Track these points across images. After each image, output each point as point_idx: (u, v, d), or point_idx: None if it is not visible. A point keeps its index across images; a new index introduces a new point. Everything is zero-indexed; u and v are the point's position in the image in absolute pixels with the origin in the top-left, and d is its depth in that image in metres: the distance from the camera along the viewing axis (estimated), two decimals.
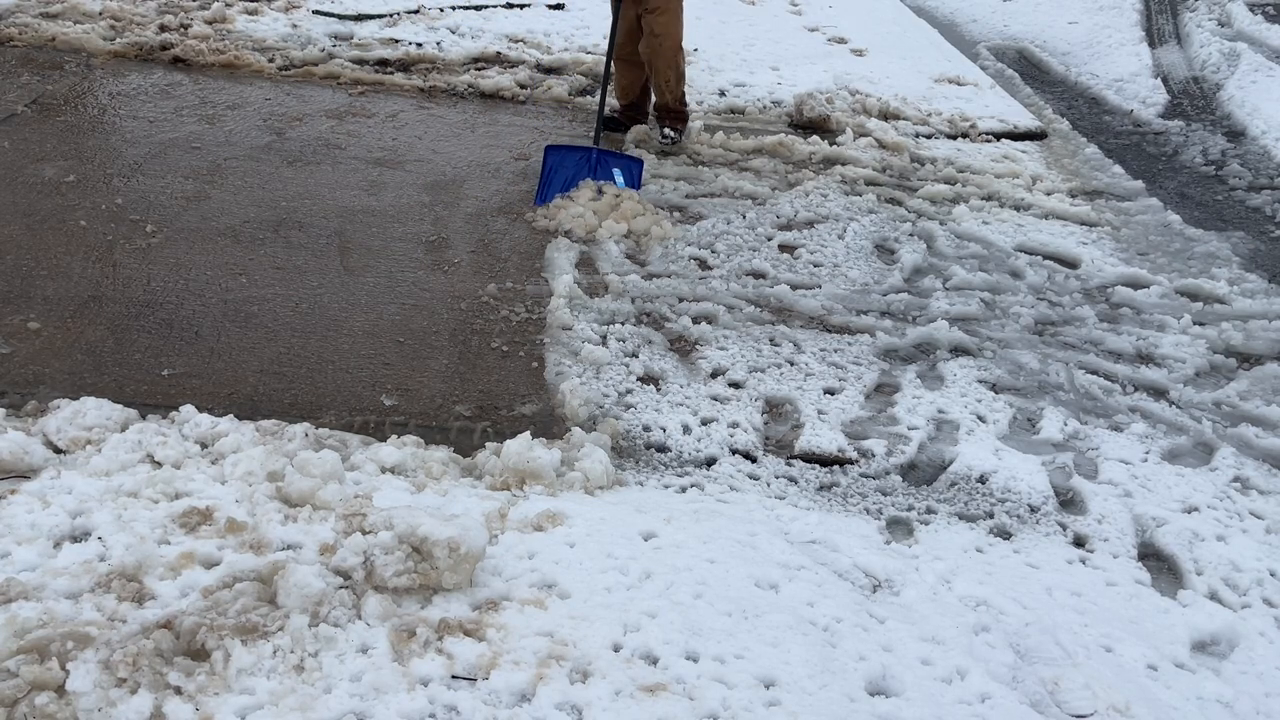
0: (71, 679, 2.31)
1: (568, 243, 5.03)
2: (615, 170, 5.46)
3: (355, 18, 8.13)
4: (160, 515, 2.93)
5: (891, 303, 4.90)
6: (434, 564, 2.72)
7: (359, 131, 6.18)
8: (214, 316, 4.22)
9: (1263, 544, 3.50)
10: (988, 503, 3.63)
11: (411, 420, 3.76)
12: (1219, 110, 8.23)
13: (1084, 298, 5.14)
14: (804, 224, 5.60)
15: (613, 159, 5.54)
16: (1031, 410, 4.20)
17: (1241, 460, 3.98)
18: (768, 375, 4.22)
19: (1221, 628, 3.08)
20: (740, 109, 7.31)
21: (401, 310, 4.41)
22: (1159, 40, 9.88)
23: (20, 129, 5.70)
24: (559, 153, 5.50)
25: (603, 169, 5.46)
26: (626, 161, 5.58)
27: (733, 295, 4.80)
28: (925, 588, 3.06)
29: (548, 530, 3.04)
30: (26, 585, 2.58)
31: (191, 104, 6.29)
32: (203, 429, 3.44)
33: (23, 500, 2.94)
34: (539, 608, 2.69)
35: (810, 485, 3.66)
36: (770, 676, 2.55)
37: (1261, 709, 2.79)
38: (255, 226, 4.95)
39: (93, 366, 3.84)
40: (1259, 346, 4.77)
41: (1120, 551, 3.43)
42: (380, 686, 2.39)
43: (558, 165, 5.46)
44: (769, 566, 2.97)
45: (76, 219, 4.83)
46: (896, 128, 7.15)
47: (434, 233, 5.08)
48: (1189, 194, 6.70)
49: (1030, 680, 2.74)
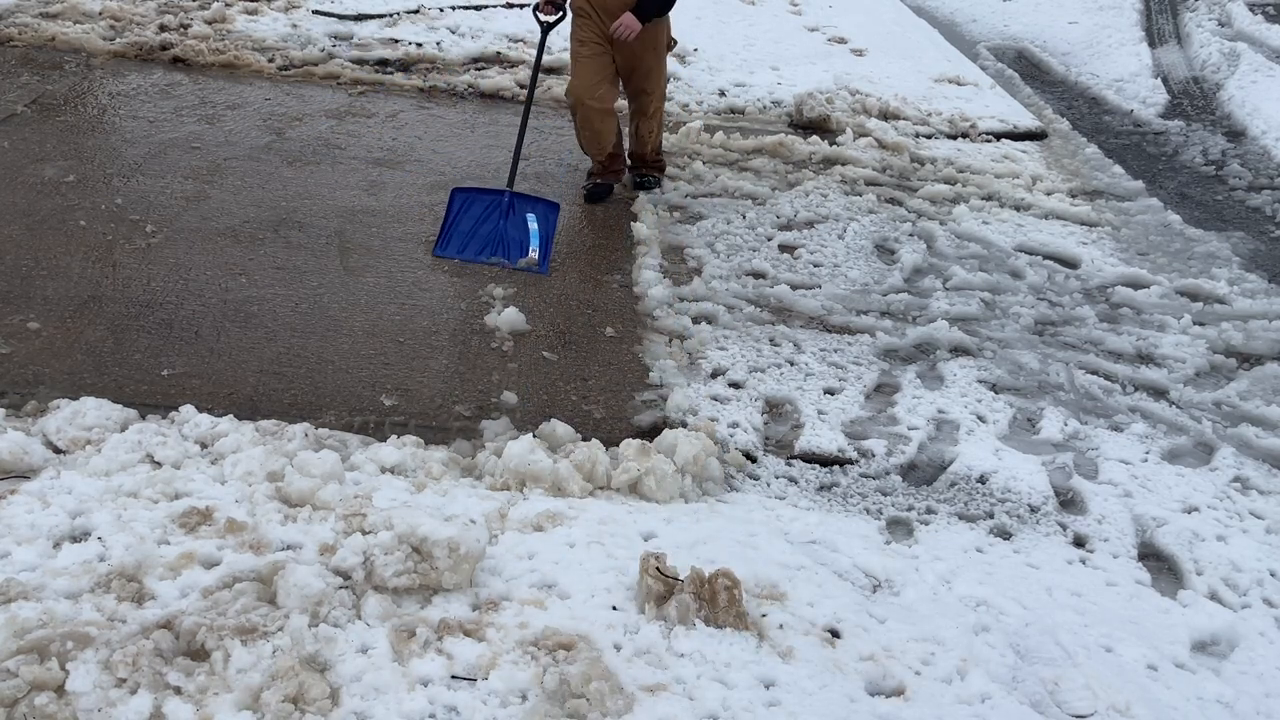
0: (71, 679, 2.31)
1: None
2: (529, 216, 4.89)
3: (355, 18, 8.14)
4: (160, 515, 2.93)
5: (891, 303, 4.90)
6: (434, 564, 2.72)
7: (359, 131, 6.18)
8: (214, 316, 4.22)
9: (1263, 544, 3.50)
10: (988, 503, 3.63)
11: (411, 420, 3.76)
12: (1219, 110, 8.23)
13: (1084, 298, 5.14)
14: (804, 224, 5.60)
15: (526, 203, 4.97)
16: (1031, 410, 4.20)
17: (1241, 460, 3.98)
18: (768, 375, 4.22)
19: (1221, 628, 3.08)
20: (740, 109, 7.31)
21: (401, 310, 4.41)
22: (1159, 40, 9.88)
23: (20, 129, 5.70)
24: (466, 195, 4.99)
25: (515, 215, 4.92)
26: (542, 208, 4.97)
27: (733, 295, 4.80)
28: (925, 588, 3.06)
29: (548, 530, 3.04)
30: (26, 585, 2.58)
31: (191, 104, 6.29)
32: (202, 429, 3.44)
33: (23, 500, 2.94)
34: (539, 608, 2.69)
35: (810, 485, 3.66)
36: (770, 676, 2.55)
37: (1261, 709, 2.79)
38: (255, 226, 4.95)
39: (93, 366, 3.83)
40: (1259, 346, 4.76)
41: (1120, 551, 3.43)
42: (380, 686, 2.39)
43: (464, 210, 4.96)
44: (769, 566, 2.97)
45: (76, 219, 4.83)
46: (896, 128, 7.15)
47: (434, 233, 5.07)
48: (1189, 194, 6.70)
49: (1030, 680, 2.74)
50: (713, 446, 3.61)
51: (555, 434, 3.64)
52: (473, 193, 4.99)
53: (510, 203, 4.94)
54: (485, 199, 4.96)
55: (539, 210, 4.94)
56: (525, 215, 4.91)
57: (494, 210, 4.93)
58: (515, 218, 4.91)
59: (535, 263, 4.79)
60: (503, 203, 4.94)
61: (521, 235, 4.87)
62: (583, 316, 4.50)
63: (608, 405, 3.94)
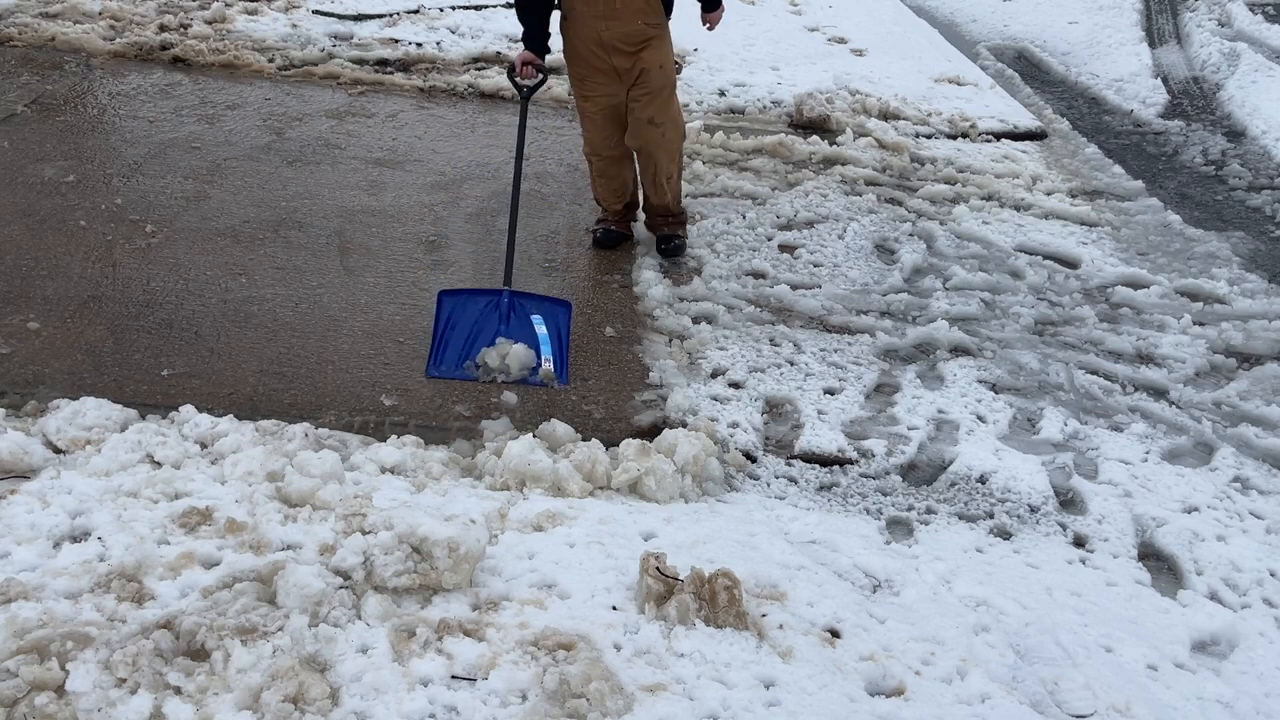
0: (71, 679, 2.31)
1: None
2: (534, 319, 4.11)
3: (355, 18, 8.14)
4: (160, 515, 2.93)
5: (891, 303, 4.90)
6: (434, 564, 2.72)
7: (359, 131, 6.18)
8: (214, 316, 4.22)
9: (1263, 544, 3.50)
10: (988, 503, 3.63)
11: (411, 420, 3.76)
12: (1219, 110, 8.23)
13: (1084, 298, 5.13)
14: (804, 224, 5.60)
15: (530, 303, 4.17)
16: (1031, 410, 4.20)
17: (1241, 460, 3.98)
18: (768, 375, 4.22)
19: (1221, 628, 3.08)
20: (740, 109, 7.31)
21: (401, 310, 4.41)
22: (1159, 40, 9.88)
23: (20, 129, 5.70)
24: (456, 299, 4.15)
25: (518, 319, 4.12)
26: (550, 308, 4.17)
27: (733, 295, 4.80)
28: (925, 588, 3.06)
29: (548, 530, 3.04)
30: (26, 585, 2.58)
31: (191, 104, 6.29)
32: (202, 429, 3.44)
33: (23, 500, 2.94)
34: (539, 608, 2.69)
35: (810, 485, 3.66)
36: (770, 676, 2.55)
37: (1261, 709, 2.79)
38: (255, 226, 4.95)
39: (92, 366, 3.83)
40: (1259, 346, 4.76)
41: (1120, 551, 3.43)
42: (380, 686, 2.39)
43: (455, 317, 4.13)
44: (769, 566, 2.97)
45: (76, 219, 4.83)
46: (896, 128, 7.15)
47: (434, 233, 5.07)
48: (1189, 194, 6.70)
49: (1030, 680, 2.74)
50: (713, 446, 3.61)
51: (555, 434, 3.64)
52: (463, 295, 4.19)
53: (510, 304, 4.14)
54: (479, 301, 4.17)
55: (546, 310, 4.17)
56: (530, 317, 4.14)
57: (491, 314, 4.14)
58: (517, 321, 4.13)
59: (552, 376, 4.02)
60: (501, 304, 4.14)
61: (527, 341, 4.08)
62: (583, 316, 4.50)
63: (608, 405, 3.94)
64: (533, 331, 4.09)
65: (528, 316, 4.13)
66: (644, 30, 4.47)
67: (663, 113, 4.62)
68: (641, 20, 4.45)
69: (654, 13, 4.49)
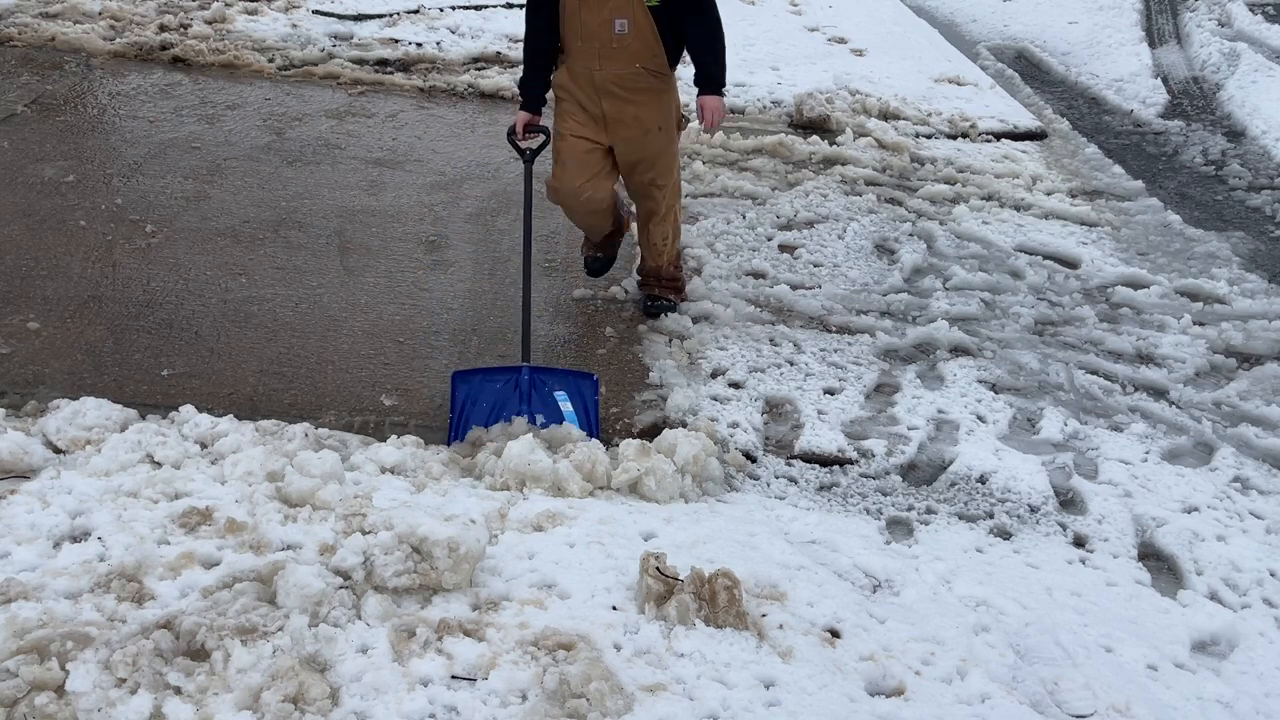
0: (71, 679, 2.31)
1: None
2: (558, 395, 3.80)
3: (355, 18, 8.14)
4: (160, 515, 2.93)
5: (891, 303, 4.90)
6: (434, 564, 2.71)
7: (359, 131, 6.18)
8: (214, 316, 4.22)
9: (1263, 544, 3.50)
10: (988, 503, 3.63)
11: (411, 420, 3.76)
12: (1219, 110, 8.23)
13: (1084, 298, 5.13)
14: (804, 224, 5.60)
15: (553, 379, 3.85)
16: (1031, 410, 4.20)
17: (1241, 460, 3.98)
18: (768, 375, 4.22)
19: (1221, 628, 3.08)
20: (740, 109, 7.30)
21: (401, 310, 4.41)
22: (1159, 40, 9.88)
23: (20, 129, 5.70)
24: (470, 381, 3.80)
25: (540, 397, 3.80)
26: (574, 381, 3.85)
27: (732, 295, 4.79)
28: (925, 588, 3.06)
29: (548, 530, 3.04)
30: (26, 585, 2.58)
31: (191, 104, 6.29)
32: (202, 429, 3.44)
33: (23, 500, 2.94)
34: (539, 608, 2.69)
35: (810, 485, 3.66)
36: (770, 676, 2.55)
37: (1261, 709, 2.79)
38: (255, 226, 4.95)
39: (92, 366, 3.84)
40: (1259, 346, 4.76)
41: (1120, 551, 3.43)
42: (380, 686, 2.39)
43: (472, 401, 3.78)
44: (769, 566, 2.97)
45: (76, 219, 4.83)
46: (896, 128, 7.15)
47: (434, 233, 5.08)
48: (1189, 194, 6.70)
49: (1030, 680, 2.74)
50: (713, 446, 3.61)
51: (555, 434, 3.64)
52: (478, 375, 3.83)
53: (531, 381, 3.82)
54: (496, 381, 3.81)
55: (570, 385, 3.84)
56: (552, 394, 3.82)
57: (510, 393, 3.80)
58: (539, 398, 3.81)
59: None
60: (521, 381, 3.81)
61: (551, 419, 3.78)
62: (583, 316, 4.50)
63: (607, 405, 3.94)
64: (557, 408, 3.80)
65: (550, 393, 3.82)
66: (642, 76, 4.02)
67: (665, 176, 4.27)
68: (640, 64, 3.98)
69: (654, 58, 4.00)
